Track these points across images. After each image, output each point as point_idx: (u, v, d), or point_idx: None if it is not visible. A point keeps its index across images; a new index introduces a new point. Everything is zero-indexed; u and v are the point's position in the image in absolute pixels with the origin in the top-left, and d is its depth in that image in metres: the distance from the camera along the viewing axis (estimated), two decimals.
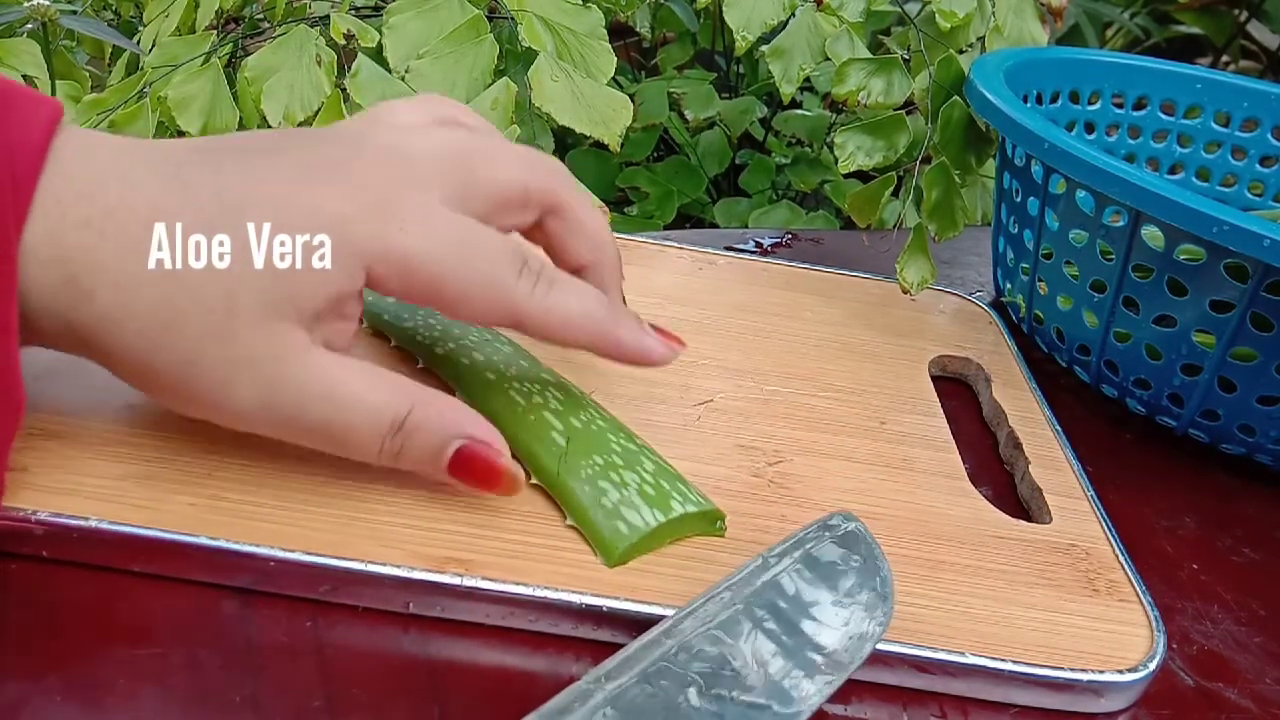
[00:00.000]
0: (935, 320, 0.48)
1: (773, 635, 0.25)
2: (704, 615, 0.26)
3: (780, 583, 0.27)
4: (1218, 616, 0.34)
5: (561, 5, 0.50)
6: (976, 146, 0.49)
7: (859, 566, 0.28)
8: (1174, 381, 0.41)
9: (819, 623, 0.26)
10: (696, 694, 0.24)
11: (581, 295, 0.30)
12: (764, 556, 0.28)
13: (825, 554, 0.28)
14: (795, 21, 0.53)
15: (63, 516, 0.27)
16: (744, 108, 0.79)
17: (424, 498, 0.30)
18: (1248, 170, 0.56)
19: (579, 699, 0.23)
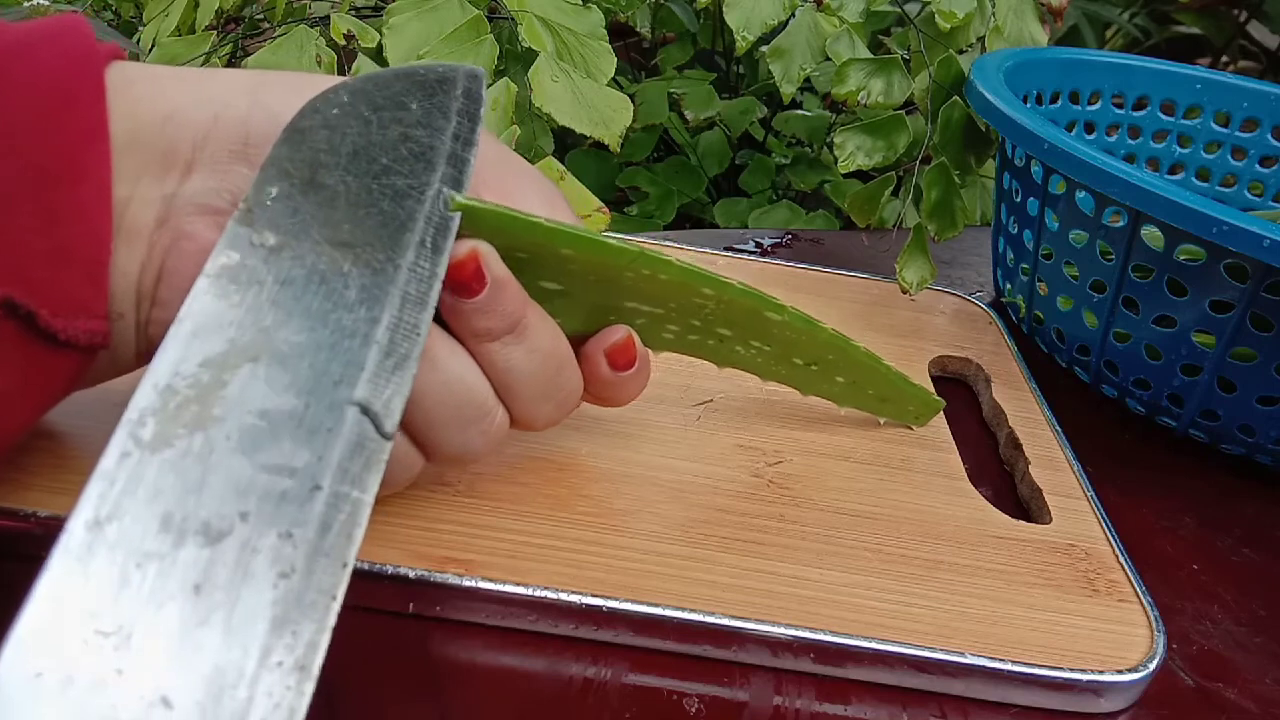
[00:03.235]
0: (935, 320, 0.48)
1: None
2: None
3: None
4: (1218, 616, 0.34)
5: (561, 5, 0.50)
6: (976, 146, 0.49)
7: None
8: (1174, 382, 0.41)
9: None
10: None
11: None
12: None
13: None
14: (795, 22, 0.53)
15: (63, 516, 0.27)
16: (744, 108, 0.79)
17: (424, 498, 0.30)
18: (1248, 170, 0.56)
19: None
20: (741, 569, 0.30)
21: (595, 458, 0.34)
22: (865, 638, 0.28)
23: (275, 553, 0.18)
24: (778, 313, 0.32)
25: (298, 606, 0.18)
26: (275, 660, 0.17)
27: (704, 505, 0.32)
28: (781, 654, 0.28)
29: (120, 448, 0.19)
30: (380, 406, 0.21)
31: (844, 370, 0.35)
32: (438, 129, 0.26)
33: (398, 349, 0.22)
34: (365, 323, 0.22)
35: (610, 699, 0.27)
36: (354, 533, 0.19)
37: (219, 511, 0.18)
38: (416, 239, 0.23)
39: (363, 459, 0.20)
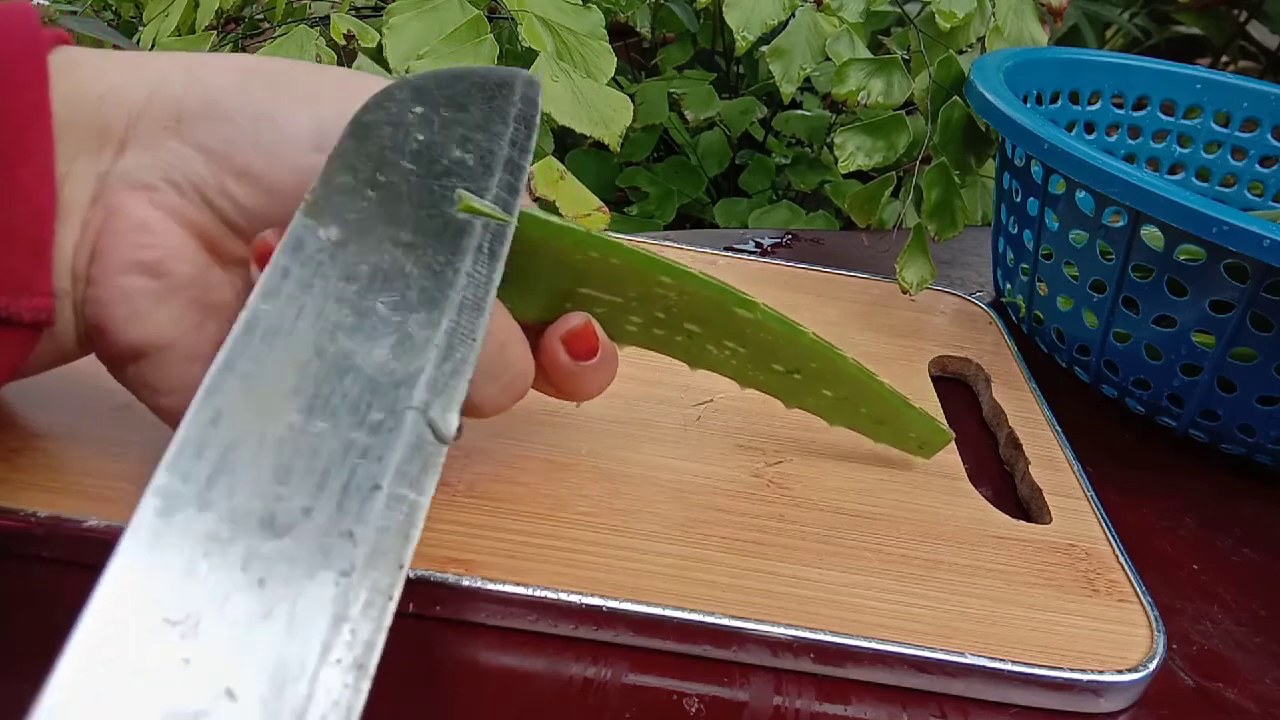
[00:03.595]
0: (935, 320, 0.48)
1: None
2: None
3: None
4: (1218, 616, 0.34)
5: (561, 5, 0.50)
6: (976, 146, 0.49)
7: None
8: (1174, 382, 0.41)
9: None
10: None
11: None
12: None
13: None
14: (795, 22, 0.53)
15: (62, 516, 0.27)
16: (744, 108, 0.79)
17: None
18: (1248, 170, 0.56)
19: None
20: (741, 569, 0.30)
21: (595, 458, 0.34)
22: (865, 638, 0.28)
23: (336, 550, 0.19)
24: (748, 309, 0.30)
25: (357, 605, 0.18)
26: (335, 658, 0.18)
27: (704, 505, 0.32)
28: (781, 654, 0.28)
29: (189, 435, 0.19)
30: (438, 411, 0.21)
31: (831, 382, 0.33)
32: (496, 134, 0.26)
33: (455, 354, 0.22)
34: (426, 325, 0.22)
35: (610, 699, 0.27)
36: (411, 534, 0.19)
37: (284, 506, 0.19)
38: (475, 244, 0.24)
39: (420, 462, 0.20)
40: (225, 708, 0.16)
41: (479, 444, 0.33)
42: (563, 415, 0.36)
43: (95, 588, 0.17)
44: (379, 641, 0.18)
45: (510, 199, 0.25)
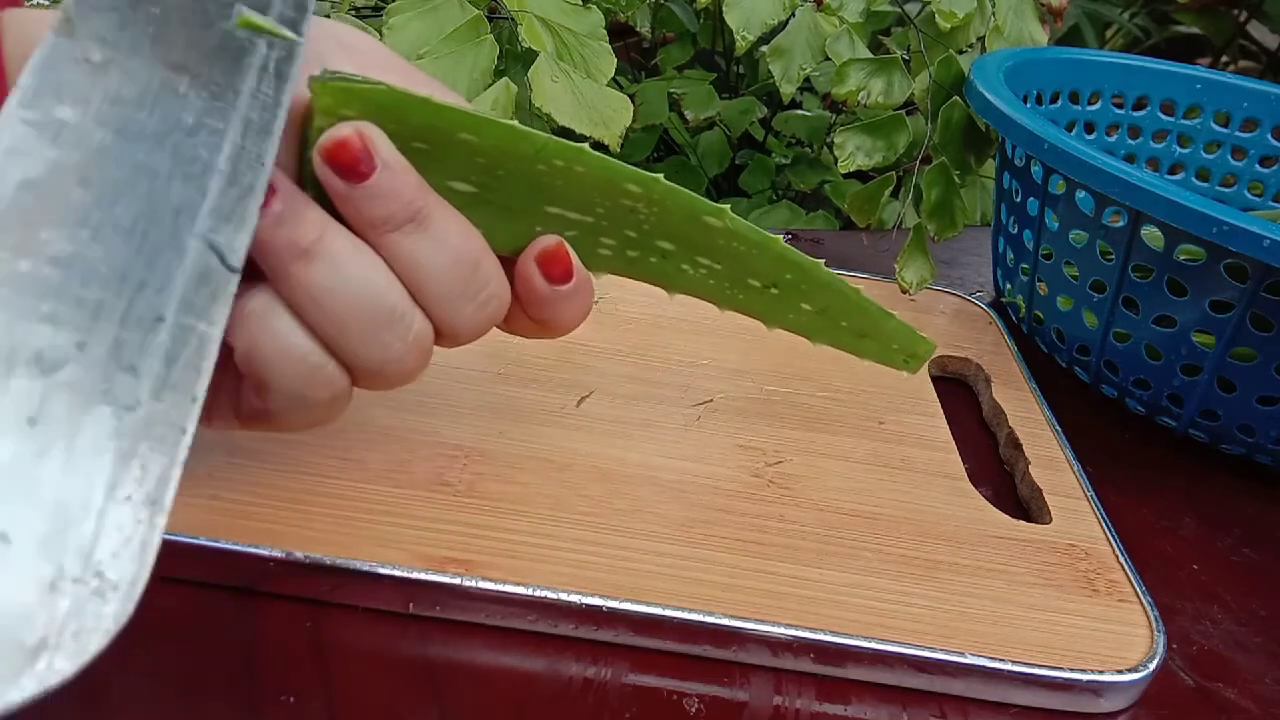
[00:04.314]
0: (935, 320, 0.48)
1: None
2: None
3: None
4: (1218, 616, 0.34)
5: (561, 5, 0.50)
6: (976, 146, 0.49)
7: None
8: (1174, 382, 0.41)
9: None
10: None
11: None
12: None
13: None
14: (795, 22, 0.53)
15: None
16: (744, 108, 0.79)
17: (424, 498, 0.30)
18: (1248, 170, 0.56)
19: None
20: (741, 569, 0.30)
21: (595, 458, 0.34)
22: (865, 638, 0.28)
23: (118, 385, 0.18)
24: (716, 217, 0.29)
25: (145, 440, 0.18)
26: (124, 494, 0.17)
27: (704, 505, 0.32)
28: (781, 654, 0.28)
29: None
30: (225, 238, 0.20)
31: (809, 295, 0.32)
32: None
33: (242, 179, 0.21)
34: (206, 149, 0.21)
35: (610, 699, 0.27)
36: (202, 365, 0.19)
37: (52, 342, 0.18)
38: (258, 64, 0.22)
39: (208, 291, 0.19)
40: (1, 551, 0.16)
41: (479, 444, 0.33)
42: (563, 415, 0.36)
43: None
44: (173, 476, 0.18)
45: (297, 17, 0.23)
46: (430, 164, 0.25)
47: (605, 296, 0.44)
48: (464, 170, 0.26)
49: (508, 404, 0.36)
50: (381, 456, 0.32)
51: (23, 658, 0.15)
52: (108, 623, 0.16)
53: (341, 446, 0.32)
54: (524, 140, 0.26)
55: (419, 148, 0.25)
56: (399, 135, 0.24)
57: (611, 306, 0.43)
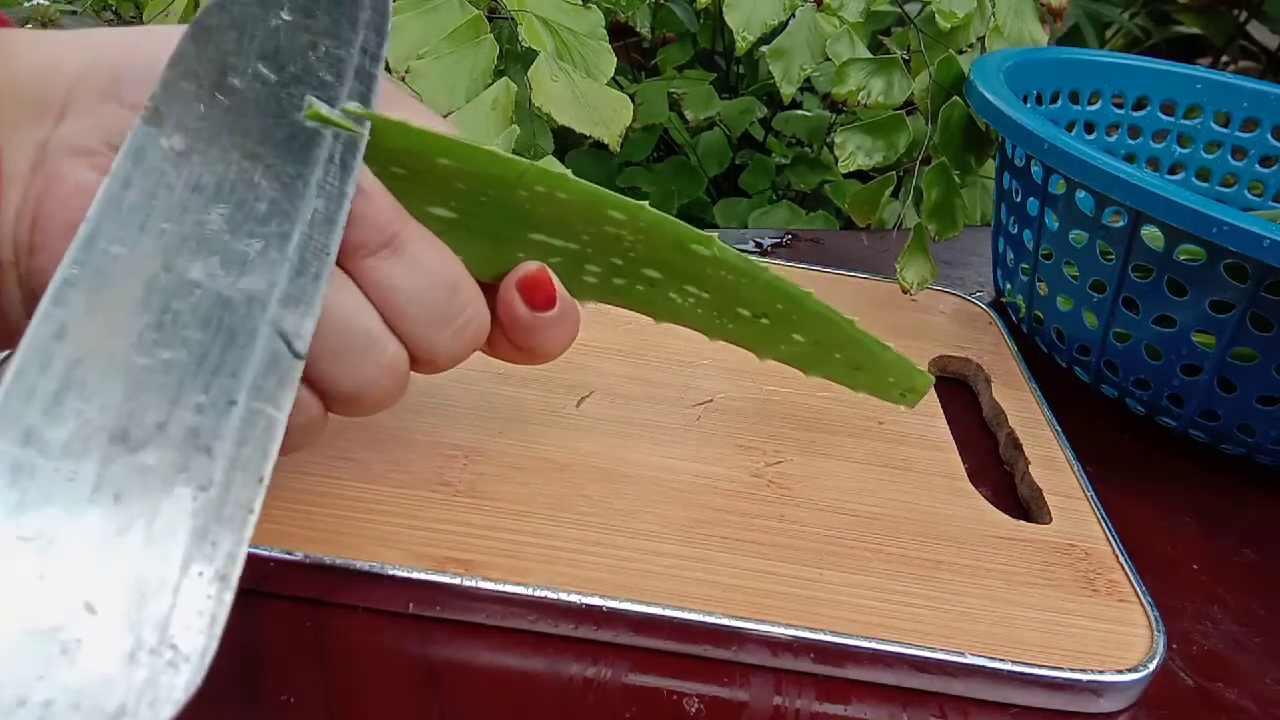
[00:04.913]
0: (935, 320, 0.48)
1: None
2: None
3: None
4: (1218, 616, 0.34)
5: (561, 5, 0.50)
6: (976, 146, 0.49)
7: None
8: (1174, 382, 0.41)
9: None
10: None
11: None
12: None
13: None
14: (795, 22, 0.53)
15: None
16: (744, 108, 0.79)
17: (424, 498, 0.30)
18: (1248, 170, 0.56)
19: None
20: (741, 569, 0.30)
21: (595, 458, 0.34)
22: (865, 638, 0.28)
23: (194, 465, 0.19)
24: (704, 245, 0.28)
25: (217, 519, 0.18)
26: (196, 570, 0.18)
27: (704, 505, 0.32)
28: (781, 654, 0.28)
29: (32, 350, 0.19)
30: (292, 325, 0.21)
31: (801, 326, 0.31)
32: (346, 40, 0.25)
33: (309, 268, 0.22)
34: (277, 238, 0.21)
35: (610, 699, 0.27)
36: (269, 449, 0.19)
37: (137, 422, 0.18)
38: (325, 155, 0.23)
39: (276, 377, 0.20)
40: (84, 621, 0.16)
41: (479, 444, 0.33)
42: (563, 415, 0.36)
43: None
44: (241, 553, 0.18)
45: (364, 103, 0.24)
46: (409, 189, 0.25)
47: None
48: (444, 196, 0.26)
49: (508, 404, 0.36)
50: (381, 456, 0.32)
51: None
52: (179, 693, 0.17)
53: (342, 446, 0.32)
54: (504, 166, 0.25)
55: (397, 173, 0.25)
56: (376, 160, 0.24)
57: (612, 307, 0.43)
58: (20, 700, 0.16)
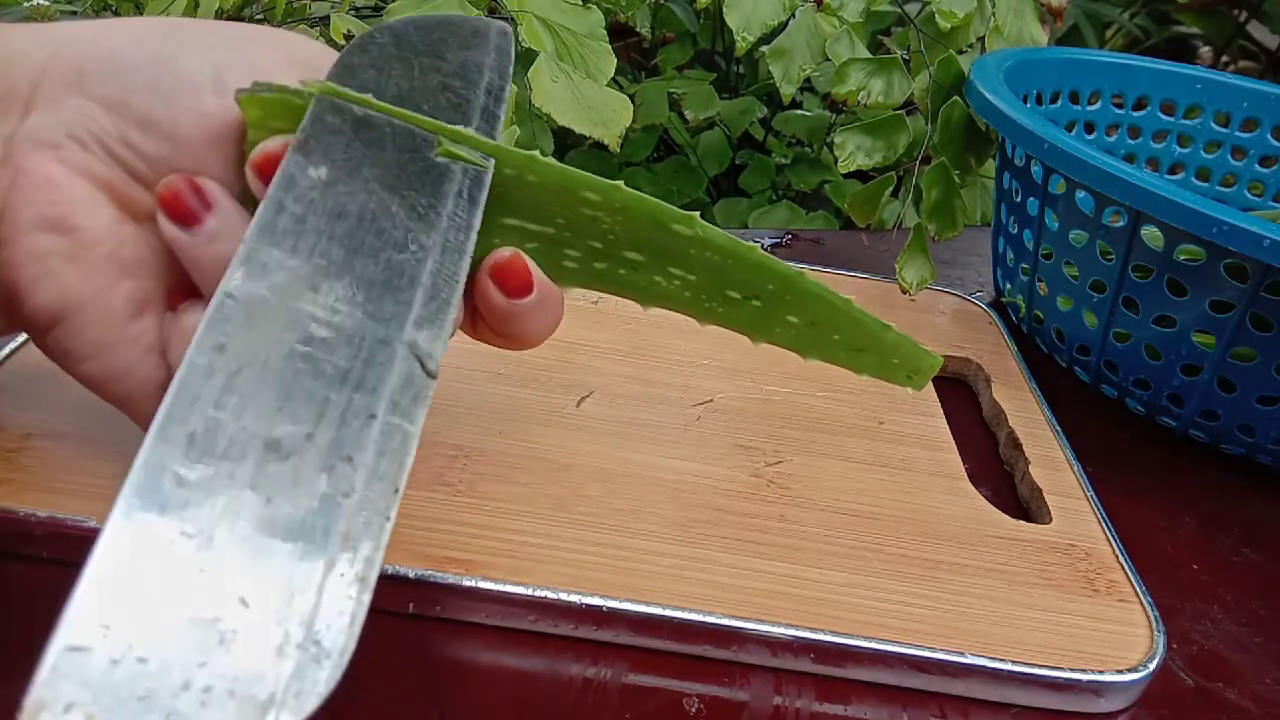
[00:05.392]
0: (935, 320, 0.48)
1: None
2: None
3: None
4: (1218, 616, 0.34)
5: (561, 5, 0.50)
6: (976, 146, 0.49)
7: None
8: (1174, 382, 0.41)
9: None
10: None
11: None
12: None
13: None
14: (795, 22, 0.53)
15: (62, 516, 0.27)
16: (744, 108, 0.80)
17: (424, 498, 0.30)
18: (1248, 170, 0.56)
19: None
20: (741, 569, 0.30)
21: (595, 458, 0.34)
22: (865, 638, 0.28)
23: (338, 473, 0.20)
24: (686, 225, 0.27)
25: (357, 524, 0.19)
26: (338, 572, 0.19)
27: (704, 505, 0.32)
28: (781, 654, 0.28)
29: (197, 360, 0.20)
30: (426, 346, 0.22)
31: (795, 307, 0.30)
32: (472, 81, 0.27)
33: (440, 293, 0.23)
34: (412, 265, 0.23)
35: (610, 699, 0.27)
36: (405, 460, 0.21)
37: (288, 431, 0.20)
38: (455, 189, 0.24)
39: (411, 394, 0.21)
40: (239, 613, 0.17)
41: (479, 444, 0.33)
42: (563, 415, 0.36)
43: (116, 499, 0.18)
44: (378, 558, 0.19)
45: (490, 133, 0.25)
46: None
47: (605, 296, 0.44)
48: None
49: (508, 404, 0.36)
50: None
51: (256, 712, 0.17)
52: (321, 686, 0.18)
53: None
54: (478, 149, 0.25)
55: None
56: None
57: (611, 306, 0.43)
58: (185, 684, 0.17)
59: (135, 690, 0.16)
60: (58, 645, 0.16)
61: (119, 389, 0.25)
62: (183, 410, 0.19)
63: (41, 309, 0.25)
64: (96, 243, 0.25)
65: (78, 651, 0.16)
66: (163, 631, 0.17)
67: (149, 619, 0.17)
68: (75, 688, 0.16)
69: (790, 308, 0.30)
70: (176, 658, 0.17)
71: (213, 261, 0.24)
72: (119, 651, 0.16)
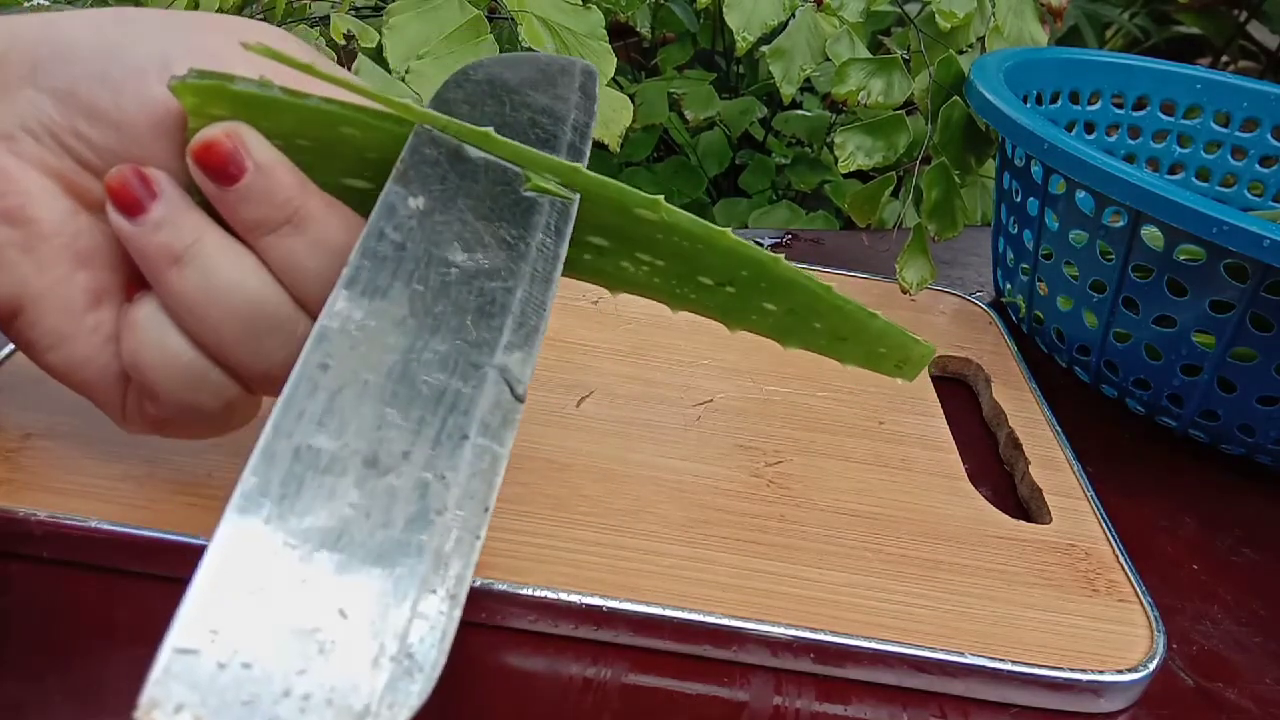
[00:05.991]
0: (935, 320, 0.48)
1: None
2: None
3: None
4: (1218, 616, 0.34)
5: (561, 5, 0.50)
6: (976, 146, 0.49)
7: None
8: (1174, 382, 0.41)
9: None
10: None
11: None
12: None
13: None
14: (795, 22, 0.53)
15: (63, 516, 0.27)
16: (744, 108, 0.80)
17: None
18: (1248, 170, 0.56)
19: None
20: (741, 569, 0.30)
21: (595, 458, 0.34)
22: (865, 638, 0.28)
23: (432, 491, 0.20)
24: (650, 209, 0.26)
25: (449, 542, 0.20)
26: (430, 588, 0.19)
27: (704, 505, 0.32)
28: (781, 654, 0.28)
29: (303, 375, 0.21)
30: (515, 370, 0.23)
31: (771, 294, 0.28)
32: (560, 118, 0.28)
33: (528, 321, 0.24)
34: (502, 293, 0.24)
35: (610, 699, 0.27)
36: (494, 481, 0.21)
37: (386, 448, 0.20)
38: (543, 221, 0.25)
39: (500, 416, 0.22)
40: (338, 624, 0.18)
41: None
42: (563, 415, 0.36)
43: (225, 508, 0.19)
44: (468, 577, 0.20)
45: (576, 163, 0.26)
46: (318, 161, 0.25)
47: (605, 296, 0.44)
48: (356, 167, 0.25)
49: None
50: None
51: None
52: (414, 699, 0.18)
53: None
54: (423, 121, 0.25)
55: (303, 145, 0.24)
56: (280, 133, 0.24)
57: (611, 306, 0.43)
58: (285, 691, 0.17)
59: (240, 695, 0.17)
60: (169, 647, 0.17)
61: (79, 378, 0.25)
62: (289, 425, 0.20)
63: (0, 301, 0.24)
64: (52, 234, 0.24)
65: (187, 654, 0.17)
66: (266, 638, 0.17)
67: (253, 626, 0.17)
68: (185, 689, 0.17)
69: (766, 294, 0.28)
70: (278, 664, 0.17)
71: (157, 250, 0.23)
72: (225, 656, 0.17)
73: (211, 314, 0.24)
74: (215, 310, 0.24)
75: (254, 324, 0.24)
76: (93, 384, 0.25)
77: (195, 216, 0.24)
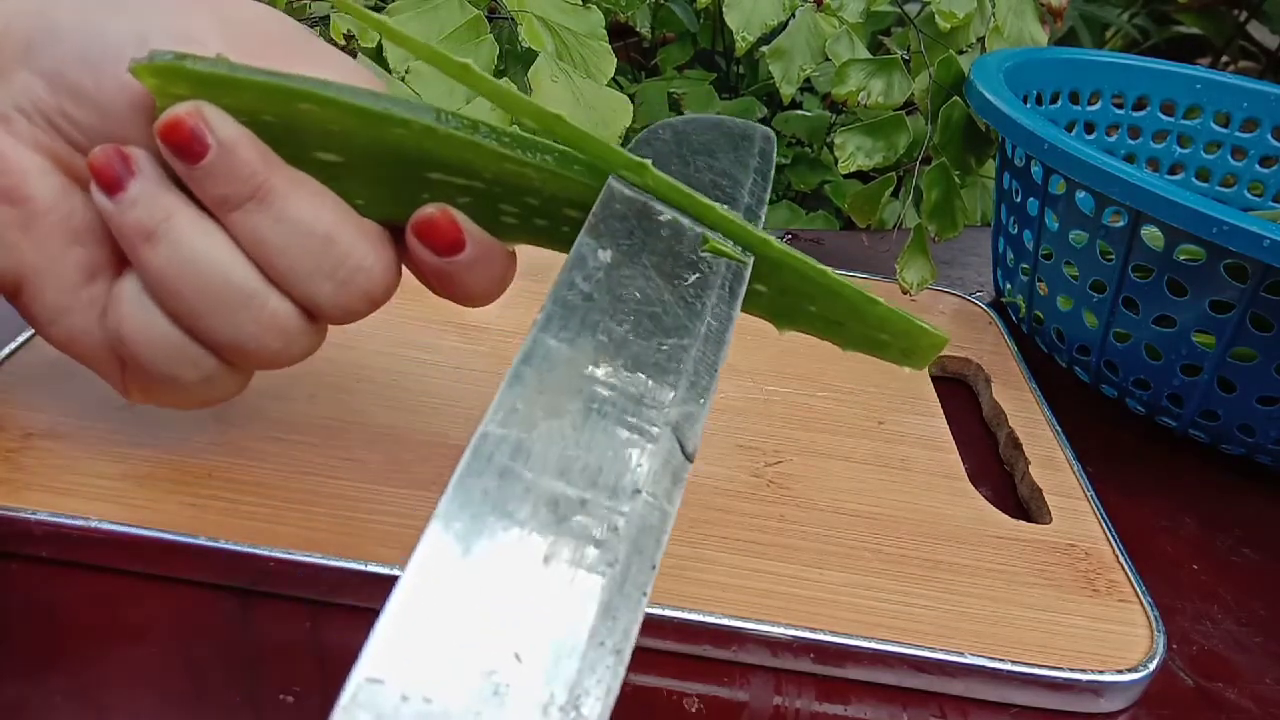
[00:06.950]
0: (935, 320, 0.48)
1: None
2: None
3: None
4: (1218, 616, 0.34)
5: (561, 5, 0.50)
6: (976, 146, 0.49)
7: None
8: (1174, 382, 0.41)
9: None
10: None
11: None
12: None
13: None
14: (795, 22, 0.53)
15: (63, 516, 0.27)
16: (744, 108, 0.79)
17: (424, 498, 0.30)
18: (1248, 170, 0.56)
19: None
20: (741, 569, 0.30)
21: None
22: (865, 638, 0.28)
23: (606, 542, 0.21)
24: (635, 174, 0.26)
25: (618, 596, 0.20)
26: (598, 640, 0.19)
27: (704, 505, 0.32)
28: (781, 654, 0.28)
29: (500, 409, 0.21)
30: (686, 429, 0.23)
31: (761, 273, 0.27)
32: (739, 182, 0.29)
33: (700, 380, 0.24)
34: (678, 350, 0.24)
35: None
36: (662, 538, 0.21)
37: (565, 494, 0.21)
38: (719, 282, 0.26)
39: (670, 474, 0.22)
40: (513, 668, 0.18)
41: None
42: None
43: (418, 543, 0.19)
44: (634, 632, 0.20)
45: (753, 222, 0.27)
46: (285, 137, 0.25)
47: None
48: (322, 141, 0.25)
49: None
50: (382, 456, 0.32)
51: None
52: None
53: (342, 446, 0.32)
54: (367, 106, 0.24)
55: (269, 121, 0.24)
56: (244, 110, 0.24)
57: None
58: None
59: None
60: (359, 675, 0.17)
61: (79, 349, 0.26)
62: (479, 466, 0.20)
63: (1, 277, 0.25)
64: (47, 210, 0.25)
65: (375, 683, 0.17)
66: (447, 675, 0.18)
67: (436, 661, 0.18)
68: (370, 717, 0.17)
69: (757, 275, 0.28)
70: (456, 702, 0.17)
71: (133, 227, 0.24)
72: (409, 689, 0.17)
73: (183, 288, 0.24)
74: (186, 285, 0.24)
75: (224, 298, 0.25)
76: (92, 356, 0.26)
77: (170, 194, 0.24)
